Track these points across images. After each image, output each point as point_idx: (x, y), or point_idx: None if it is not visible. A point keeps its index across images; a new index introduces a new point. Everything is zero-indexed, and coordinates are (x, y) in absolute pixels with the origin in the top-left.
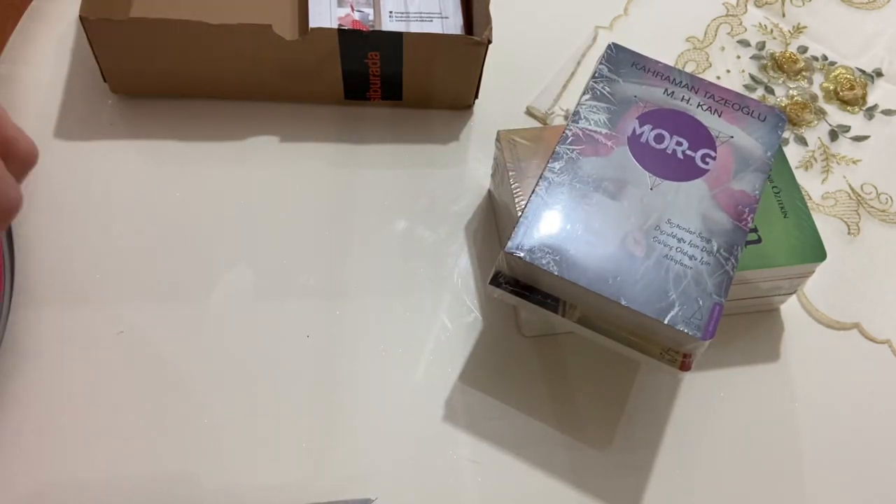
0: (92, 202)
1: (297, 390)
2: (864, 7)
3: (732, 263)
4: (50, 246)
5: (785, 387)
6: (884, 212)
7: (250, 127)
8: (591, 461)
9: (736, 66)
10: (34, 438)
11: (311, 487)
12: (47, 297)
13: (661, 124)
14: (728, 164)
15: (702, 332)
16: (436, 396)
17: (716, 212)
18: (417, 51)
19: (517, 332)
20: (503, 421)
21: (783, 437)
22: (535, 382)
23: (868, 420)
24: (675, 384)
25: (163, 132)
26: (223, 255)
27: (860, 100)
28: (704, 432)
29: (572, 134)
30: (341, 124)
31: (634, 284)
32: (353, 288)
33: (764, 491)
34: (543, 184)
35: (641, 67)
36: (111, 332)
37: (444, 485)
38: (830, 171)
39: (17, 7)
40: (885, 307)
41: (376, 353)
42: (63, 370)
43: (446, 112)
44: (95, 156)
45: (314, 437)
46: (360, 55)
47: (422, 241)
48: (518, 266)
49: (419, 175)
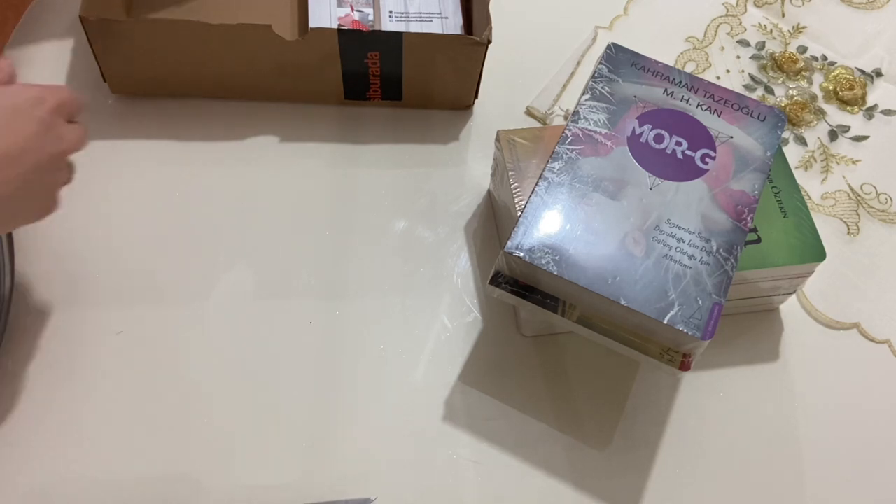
0: (92, 202)
1: (296, 390)
2: (863, 7)
3: (732, 263)
4: (50, 246)
5: (784, 386)
6: (883, 212)
7: (250, 127)
8: (591, 461)
9: (735, 66)
10: (34, 438)
11: (311, 487)
12: (47, 297)
13: (661, 124)
14: (728, 164)
15: (701, 332)
16: (436, 396)
17: (715, 212)
18: (417, 51)
19: (517, 332)
20: (503, 421)
21: (783, 437)
22: (534, 382)
23: (867, 419)
24: (674, 384)
25: (163, 132)
26: (223, 256)
27: (860, 100)
28: (704, 432)
29: (572, 134)
30: (341, 124)
31: (634, 284)
32: (352, 288)
33: (764, 490)
34: (543, 184)
35: (641, 67)
36: (111, 332)
37: (444, 485)
38: (830, 171)
39: (17, 7)
40: (885, 307)
41: (376, 353)
42: (63, 370)
43: (446, 112)
44: (95, 156)
45: (314, 437)
46: (360, 55)
47: (422, 241)
48: (518, 266)
49: (419, 175)
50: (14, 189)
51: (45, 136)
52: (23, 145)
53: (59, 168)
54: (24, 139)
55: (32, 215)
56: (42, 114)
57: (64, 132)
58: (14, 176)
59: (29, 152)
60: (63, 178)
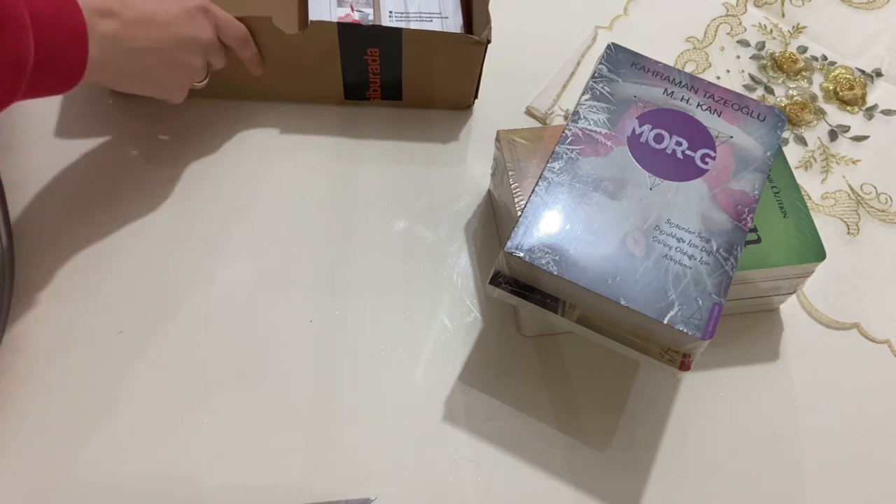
0: (92, 202)
1: (296, 390)
2: (863, 7)
3: (732, 263)
4: (50, 246)
5: (784, 386)
6: (883, 212)
7: (251, 126)
8: (591, 461)
9: (735, 66)
10: (34, 438)
11: (311, 487)
12: (47, 297)
13: (661, 124)
14: (727, 164)
15: (701, 332)
16: (436, 396)
17: (715, 212)
18: (417, 49)
19: (517, 332)
20: (503, 421)
21: (783, 437)
22: (534, 382)
23: (867, 419)
24: (674, 384)
25: (162, 132)
26: (223, 256)
27: (860, 100)
28: (704, 432)
29: (572, 134)
30: (342, 124)
31: (634, 284)
32: (353, 288)
33: (763, 490)
34: (543, 184)
35: (641, 67)
36: (111, 332)
37: (444, 485)
38: (830, 171)
39: None
40: (885, 307)
41: (376, 353)
42: (63, 370)
43: (446, 112)
44: (95, 156)
45: (314, 437)
46: (360, 51)
47: (422, 241)
48: (518, 266)
49: (419, 175)
50: (149, 47)
51: (189, 21)
52: (167, 19)
53: (196, 53)
54: (171, 15)
55: (158, 87)
56: (188, 6)
57: (206, 26)
58: (154, 36)
59: (172, 25)
60: (197, 65)
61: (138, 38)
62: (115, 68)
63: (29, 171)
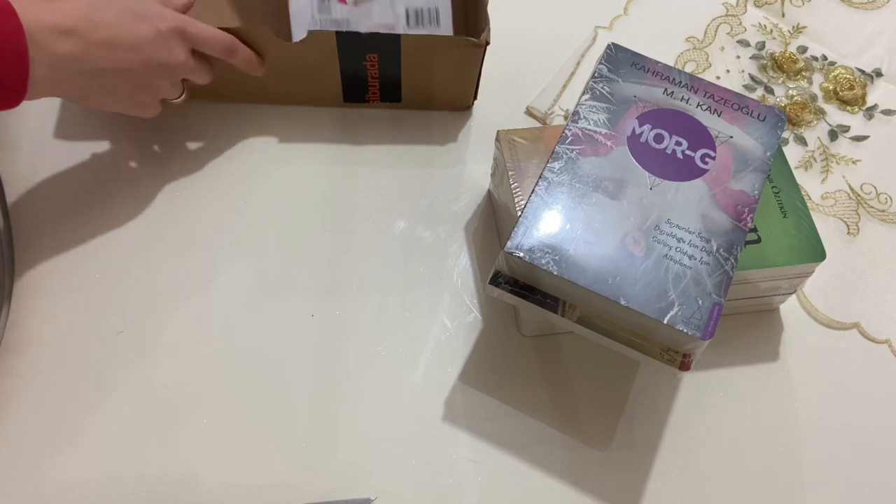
0: (92, 202)
1: (296, 390)
2: (863, 7)
3: (732, 263)
4: (50, 245)
5: (784, 386)
6: (883, 212)
7: (251, 129)
8: (591, 461)
9: (735, 66)
10: (34, 438)
11: (311, 487)
12: (47, 296)
13: (661, 124)
14: (727, 164)
15: (701, 332)
16: (436, 396)
17: (715, 212)
18: (415, 52)
19: (517, 332)
20: (503, 421)
21: (783, 437)
22: (534, 382)
23: (867, 419)
24: (674, 384)
25: (163, 133)
26: (222, 256)
27: (860, 100)
28: (704, 432)
29: (572, 134)
30: (341, 126)
31: (634, 284)
32: (353, 288)
33: (763, 490)
34: (543, 184)
35: (641, 67)
36: (111, 332)
37: (444, 485)
38: (830, 171)
39: None
40: (885, 307)
41: (376, 352)
42: (63, 370)
43: (446, 113)
44: (95, 156)
45: (314, 437)
46: (358, 57)
47: (422, 241)
48: (518, 266)
49: (419, 176)
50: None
51: (160, 44)
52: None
53: (163, 76)
54: (140, 39)
55: (122, 106)
56: (161, 27)
57: (178, 49)
58: (119, 58)
59: (141, 48)
60: (165, 87)
61: (101, 60)
62: (73, 87)
63: (29, 171)
